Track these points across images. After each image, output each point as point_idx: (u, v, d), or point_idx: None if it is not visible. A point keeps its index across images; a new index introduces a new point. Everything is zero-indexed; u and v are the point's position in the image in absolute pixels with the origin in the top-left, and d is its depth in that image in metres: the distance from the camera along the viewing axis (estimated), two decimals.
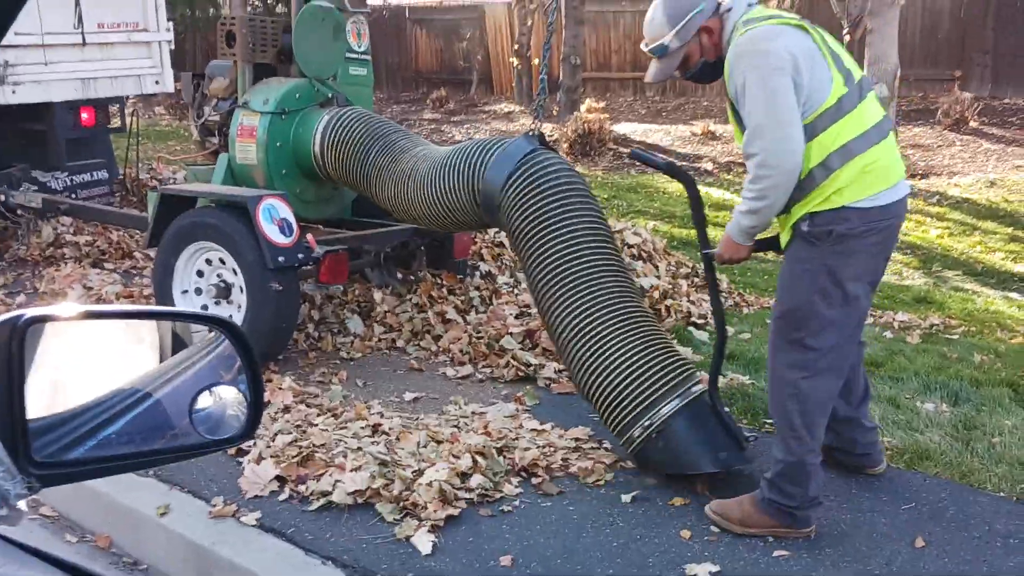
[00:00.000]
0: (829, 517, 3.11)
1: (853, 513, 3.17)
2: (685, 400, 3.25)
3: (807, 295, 2.81)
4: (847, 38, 13.85)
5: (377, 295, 5.23)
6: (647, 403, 3.24)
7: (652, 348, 3.31)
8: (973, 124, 12.51)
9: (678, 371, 3.29)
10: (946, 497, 3.28)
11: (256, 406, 1.35)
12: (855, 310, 2.85)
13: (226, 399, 1.38)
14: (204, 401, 1.37)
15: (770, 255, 3.98)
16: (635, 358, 3.28)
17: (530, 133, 3.96)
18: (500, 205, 3.80)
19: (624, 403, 3.26)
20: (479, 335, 4.82)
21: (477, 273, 5.68)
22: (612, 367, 3.29)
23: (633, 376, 3.26)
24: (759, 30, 2.81)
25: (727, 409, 3.42)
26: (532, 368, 4.46)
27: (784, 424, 2.90)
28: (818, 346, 2.82)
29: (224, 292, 4.59)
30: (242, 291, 4.46)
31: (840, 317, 2.81)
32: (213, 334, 1.48)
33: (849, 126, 2.76)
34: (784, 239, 2.87)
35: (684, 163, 12.26)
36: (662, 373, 3.27)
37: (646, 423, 3.23)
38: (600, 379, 3.31)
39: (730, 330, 5.23)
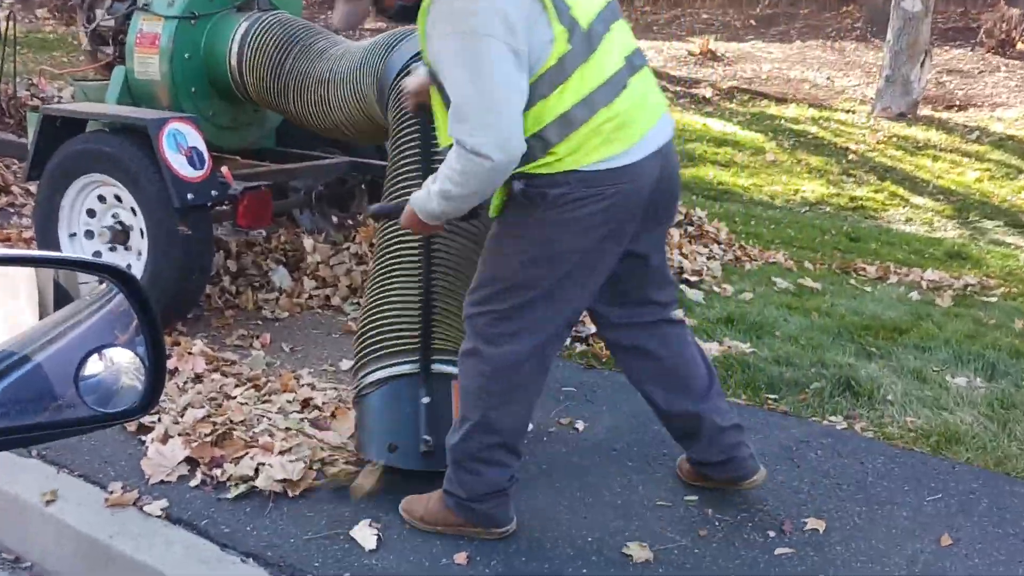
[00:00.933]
0: (840, 509, 3.17)
1: (868, 505, 3.23)
2: (395, 372, 3.26)
3: (512, 265, 2.79)
4: None
5: (308, 242, 5.20)
6: (371, 358, 3.30)
7: (406, 303, 3.32)
8: (1021, 46, 12.60)
9: (407, 339, 3.29)
10: (978, 487, 3.35)
11: (157, 373, 1.34)
12: (568, 288, 2.80)
13: (120, 364, 1.37)
14: (93, 366, 1.35)
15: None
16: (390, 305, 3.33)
17: None
18: (388, 101, 3.82)
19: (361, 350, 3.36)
20: None
21: None
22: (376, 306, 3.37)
23: (378, 324, 3.32)
24: None
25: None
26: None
27: (468, 404, 2.89)
28: (517, 320, 2.81)
29: (121, 236, 4.53)
30: (142, 235, 4.41)
31: (544, 294, 2.78)
32: (105, 286, 1.46)
33: (571, 90, 2.64)
34: (495, 201, 2.78)
35: (679, 88, 12.25)
36: (394, 333, 3.29)
37: (357, 382, 3.33)
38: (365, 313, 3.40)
39: (729, 288, 5.28)
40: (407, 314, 3.29)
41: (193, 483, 3.23)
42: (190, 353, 4.14)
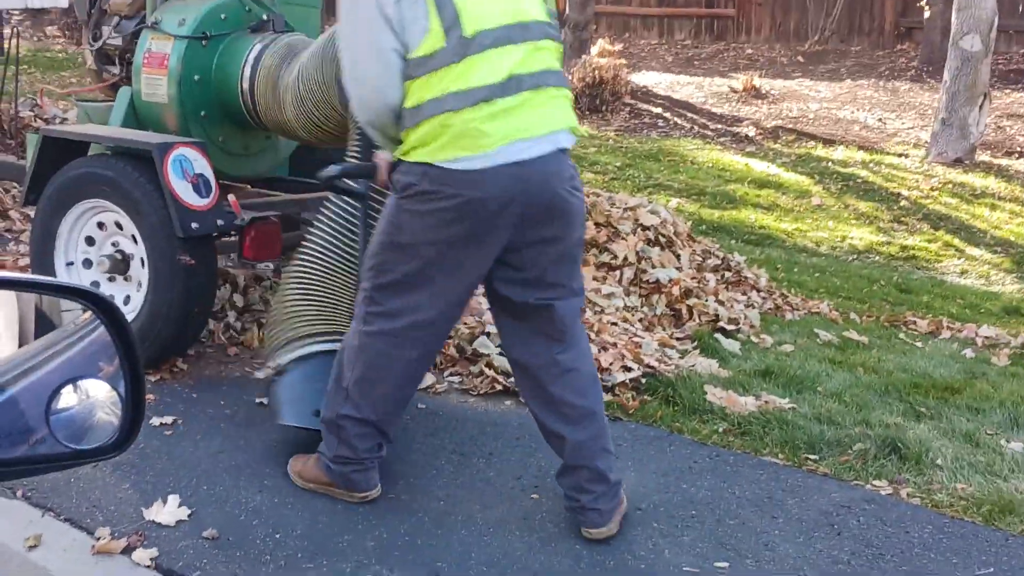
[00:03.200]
0: None
1: None
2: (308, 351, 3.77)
3: (380, 244, 3.21)
4: None
5: None
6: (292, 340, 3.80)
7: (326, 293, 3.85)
8: None
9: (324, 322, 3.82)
10: None
11: (135, 408, 1.32)
12: (430, 281, 3.15)
13: (96, 398, 1.35)
14: (67, 399, 1.33)
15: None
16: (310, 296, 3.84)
17: None
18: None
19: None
20: None
21: None
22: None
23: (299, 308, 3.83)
24: None
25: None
26: (513, 379, 4.43)
27: (341, 372, 3.33)
28: (382, 302, 3.21)
29: (120, 265, 4.54)
30: (143, 264, 4.41)
31: (402, 281, 3.16)
32: (89, 314, 1.44)
33: (431, 84, 3.01)
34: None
35: (720, 126, 12.26)
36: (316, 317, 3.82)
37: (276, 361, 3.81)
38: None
39: (768, 339, 5.23)
40: (320, 303, 3.83)
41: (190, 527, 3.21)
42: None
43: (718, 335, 5.21)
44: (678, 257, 5.87)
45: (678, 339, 5.13)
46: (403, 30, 3.01)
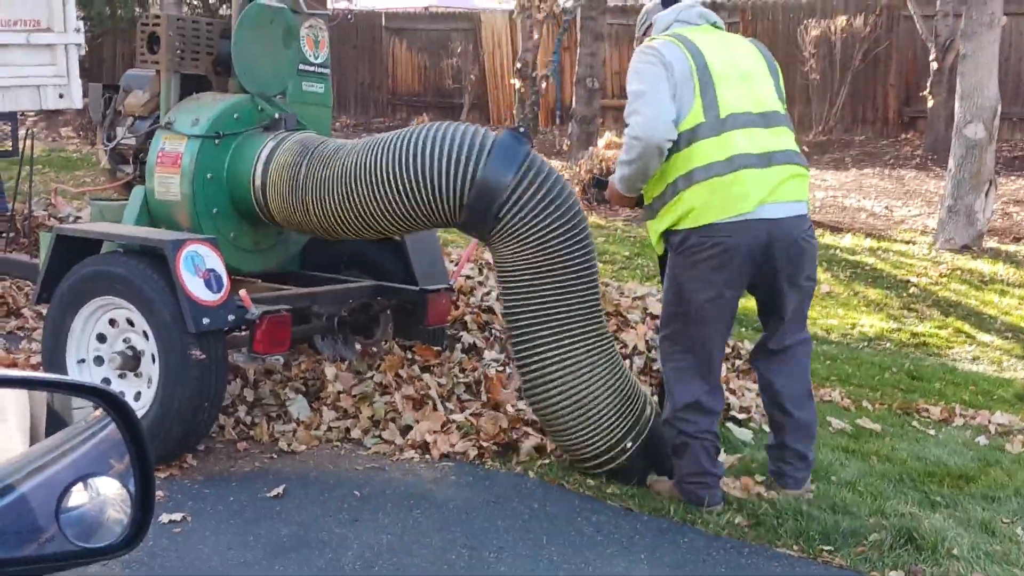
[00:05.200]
0: None
1: None
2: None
3: (668, 302, 4.17)
4: (935, 65, 14.08)
5: (329, 371, 5.20)
6: (635, 422, 4.34)
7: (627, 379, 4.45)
8: None
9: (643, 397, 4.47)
10: None
11: (145, 506, 1.32)
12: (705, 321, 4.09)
13: (106, 496, 1.35)
14: (78, 497, 1.34)
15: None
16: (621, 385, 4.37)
17: (518, 128, 4.39)
18: (501, 206, 4.21)
19: (616, 423, 4.30)
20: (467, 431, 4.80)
21: (458, 346, 5.66)
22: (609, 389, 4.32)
23: (622, 399, 4.33)
24: (661, 40, 4.09)
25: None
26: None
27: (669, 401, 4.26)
28: (680, 344, 4.17)
29: (131, 362, 4.56)
30: (154, 360, 4.43)
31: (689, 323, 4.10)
32: (99, 412, 1.45)
33: (698, 153, 3.92)
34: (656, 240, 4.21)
35: None
36: (640, 397, 4.43)
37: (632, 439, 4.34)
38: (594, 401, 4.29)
39: None
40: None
41: None
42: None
43: (730, 424, 5.18)
44: None
45: None
46: (677, 100, 3.90)
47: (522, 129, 4.41)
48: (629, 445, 4.30)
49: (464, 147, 4.27)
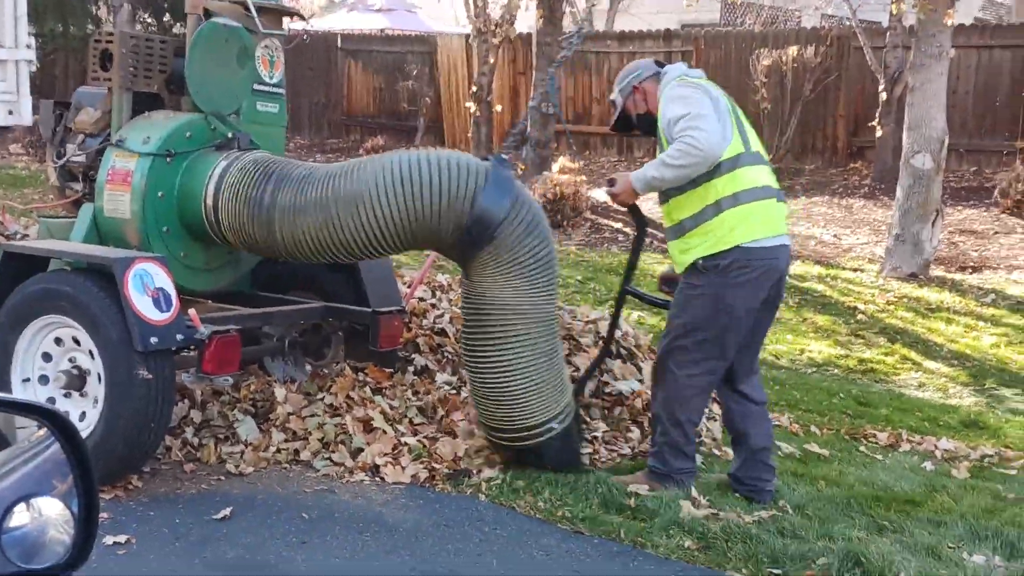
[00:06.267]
0: None
1: None
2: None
3: (695, 317, 4.47)
4: (884, 96, 14.28)
5: (279, 392, 5.15)
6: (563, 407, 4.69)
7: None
8: None
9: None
10: None
11: (88, 526, 1.30)
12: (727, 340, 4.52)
13: (48, 516, 1.33)
14: (19, 517, 1.31)
15: None
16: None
17: (503, 156, 4.55)
18: (494, 234, 4.38)
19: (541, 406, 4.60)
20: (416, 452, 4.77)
21: (410, 368, 5.63)
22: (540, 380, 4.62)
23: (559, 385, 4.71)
24: (692, 81, 4.53)
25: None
26: None
27: (663, 407, 4.62)
28: (695, 355, 4.53)
29: (76, 381, 4.50)
30: (100, 380, 4.38)
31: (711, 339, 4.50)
32: (43, 431, 1.43)
33: (742, 178, 4.36)
34: (682, 267, 4.52)
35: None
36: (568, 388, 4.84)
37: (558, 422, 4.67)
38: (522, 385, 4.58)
39: (729, 452, 5.23)
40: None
41: None
42: None
43: None
44: (639, 369, 5.88)
45: (640, 453, 5.11)
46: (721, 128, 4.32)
47: (505, 156, 4.56)
48: (555, 426, 4.65)
49: (461, 175, 4.38)
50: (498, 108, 16.75)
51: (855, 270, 11.14)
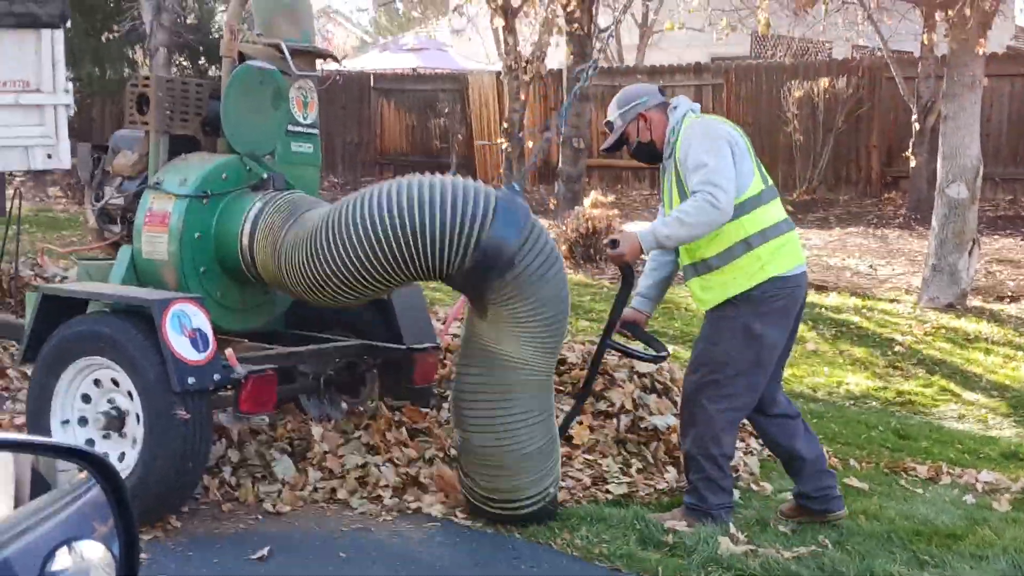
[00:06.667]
0: None
1: None
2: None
3: (731, 348, 4.52)
4: (916, 126, 14.23)
5: (315, 431, 5.17)
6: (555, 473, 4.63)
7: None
8: None
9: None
10: None
11: (129, 570, 1.31)
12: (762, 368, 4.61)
13: (91, 560, 1.34)
14: (62, 561, 1.32)
15: None
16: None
17: (514, 186, 4.44)
18: (505, 269, 4.25)
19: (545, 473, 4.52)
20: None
21: (446, 405, 5.63)
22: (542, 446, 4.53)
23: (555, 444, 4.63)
24: (708, 119, 4.68)
25: None
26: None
27: (696, 442, 4.60)
28: (728, 389, 4.56)
29: (115, 423, 4.53)
30: (139, 421, 4.41)
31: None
32: (84, 475, 1.44)
33: (766, 215, 4.49)
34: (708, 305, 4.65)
35: None
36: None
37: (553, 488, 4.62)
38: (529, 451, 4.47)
39: (768, 487, 5.19)
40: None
41: None
42: None
43: None
44: (675, 404, 5.85)
45: (677, 489, 5.08)
46: (739, 175, 4.38)
47: (516, 187, 4.46)
48: (551, 490, 4.57)
49: (469, 205, 4.25)
50: (530, 144, 16.80)
51: (892, 301, 11.05)
